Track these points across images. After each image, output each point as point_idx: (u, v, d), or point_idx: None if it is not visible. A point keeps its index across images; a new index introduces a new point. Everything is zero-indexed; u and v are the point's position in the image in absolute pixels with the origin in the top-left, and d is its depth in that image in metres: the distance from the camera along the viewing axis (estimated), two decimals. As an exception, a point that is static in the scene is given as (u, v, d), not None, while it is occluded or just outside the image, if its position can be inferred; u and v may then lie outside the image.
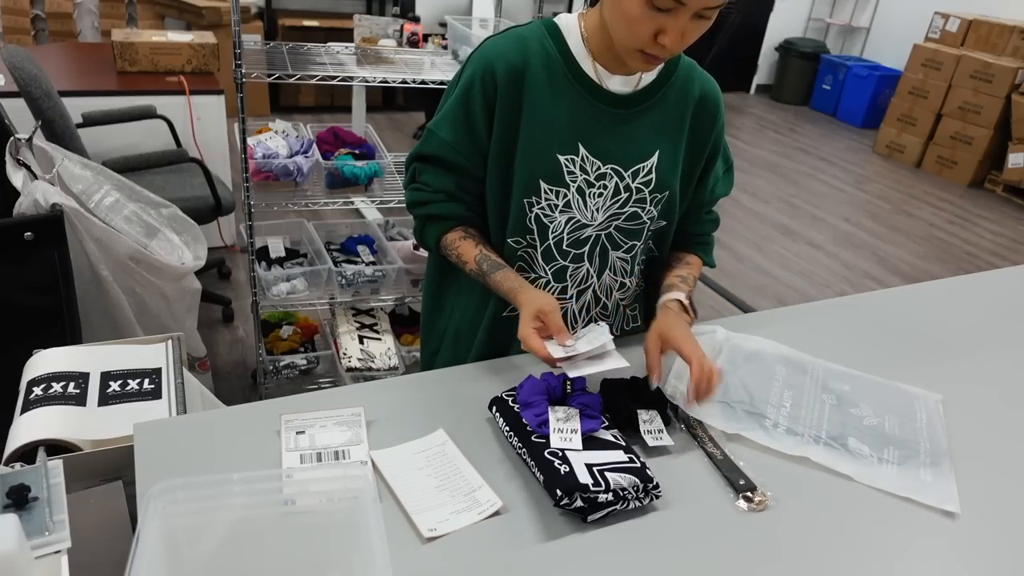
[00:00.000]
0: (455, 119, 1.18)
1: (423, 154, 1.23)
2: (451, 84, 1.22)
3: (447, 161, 1.20)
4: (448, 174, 1.22)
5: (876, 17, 7.16)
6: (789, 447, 1.08)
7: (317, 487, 0.78)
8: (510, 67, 1.13)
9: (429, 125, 1.22)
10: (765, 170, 5.41)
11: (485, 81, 1.13)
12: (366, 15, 2.46)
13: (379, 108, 5.64)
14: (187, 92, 3.04)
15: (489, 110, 1.15)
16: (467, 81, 1.16)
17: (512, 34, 1.17)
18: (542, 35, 1.16)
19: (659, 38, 1.01)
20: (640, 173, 1.19)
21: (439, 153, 1.20)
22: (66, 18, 4.50)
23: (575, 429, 1.00)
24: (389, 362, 2.30)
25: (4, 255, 1.68)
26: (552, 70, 1.14)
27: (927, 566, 0.93)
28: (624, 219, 1.22)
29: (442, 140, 1.19)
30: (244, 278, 3.22)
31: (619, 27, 1.05)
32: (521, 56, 1.13)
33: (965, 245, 4.51)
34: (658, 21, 1.00)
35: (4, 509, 0.83)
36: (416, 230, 1.30)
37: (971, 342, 1.45)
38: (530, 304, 1.10)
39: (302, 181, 2.22)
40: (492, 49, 1.15)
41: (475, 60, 1.16)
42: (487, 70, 1.13)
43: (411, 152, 1.28)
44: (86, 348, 1.28)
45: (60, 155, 1.91)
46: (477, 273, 1.22)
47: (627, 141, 1.18)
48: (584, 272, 1.25)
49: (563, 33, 1.16)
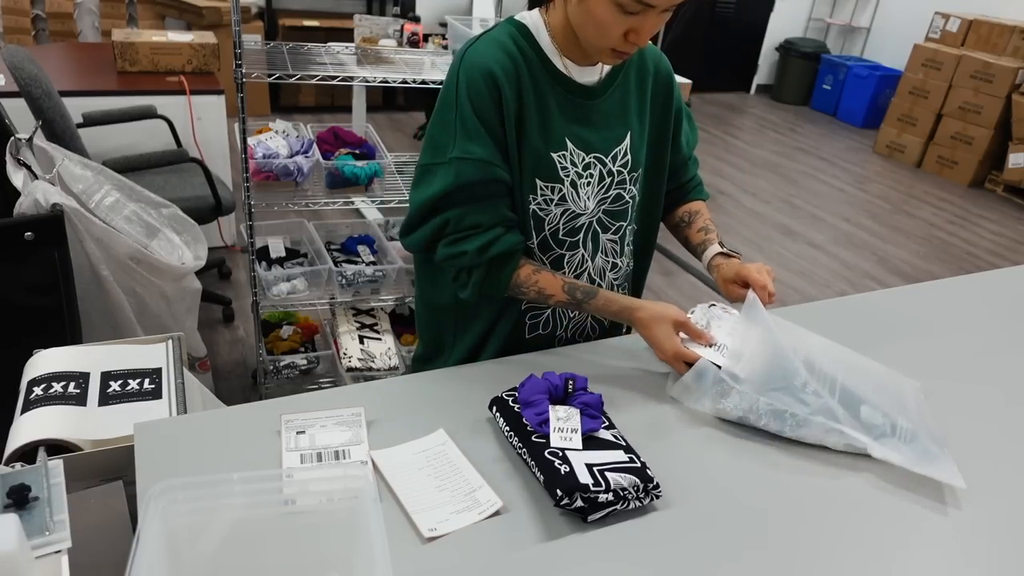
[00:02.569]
0: (475, 133, 1.12)
1: (451, 191, 1.12)
2: (443, 107, 1.15)
3: (489, 183, 1.13)
4: (495, 201, 1.15)
5: (876, 17, 7.16)
6: (806, 435, 1.08)
7: (317, 487, 0.78)
8: (504, 70, 1.12)
9: (449, 157, 1.12)
10: (765, 170, 5.41)
11: (488, 86, 1.11)
12: (366, 15, 2.46)
13: (379, 108, 5.65)
14: (187, 92, 3.04)
15: (500, 114, 1.13)
16: (470, 91, 1.11)
17: (489, 39, 1.15)
18: (516, 37, 1.16)
19: (629, 37, 1.06)
20: (618, 156, 1.23)
21: (478, 176, 1.12)
22: (66, 18, 4.50)
23: (575, 429, 1.00)
24: (389, 362, 2.30)
25: (4, 255, 1.68)
26: (534, 71, 1.15)
27: (927, 565, 0.93)
28: (610, 202, 1.25)
29: (478, 160, 1.12)
30: (244, 278, 3.22)
31: (589, 30, 1.08)
32: (509, 59, 1.13)
33: (965, 245, 4.51)
34: (628, 22, 1.04)
35: (4, 509, 0.83)
36: (474, 283, 1.18)
37: (972, 342, 1.45)
38: (662, 319, 1.15)
39: (302, 181, 2.22)
40: (480, 55, 1.13)
41: (468, 69, 1.12)
42: (486, 75, 1.11)
43: (424, 201, 1.15)
44: (86, 348, 1.29)
45: (60, 155, 1.91)
46: (568, 303, 1.20)
47: (603, 128, 1.21)
48: (579, 258, 1.27)
49: (533, 33, 1.17)
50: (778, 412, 1.09)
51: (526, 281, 1.19)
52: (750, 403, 1.09)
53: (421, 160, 1.18)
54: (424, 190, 1.15)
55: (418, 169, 1.18)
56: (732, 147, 5.83)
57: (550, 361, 1.24)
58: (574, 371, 1.09)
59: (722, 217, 4.48)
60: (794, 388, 1.10)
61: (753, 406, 1.10)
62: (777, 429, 1.10)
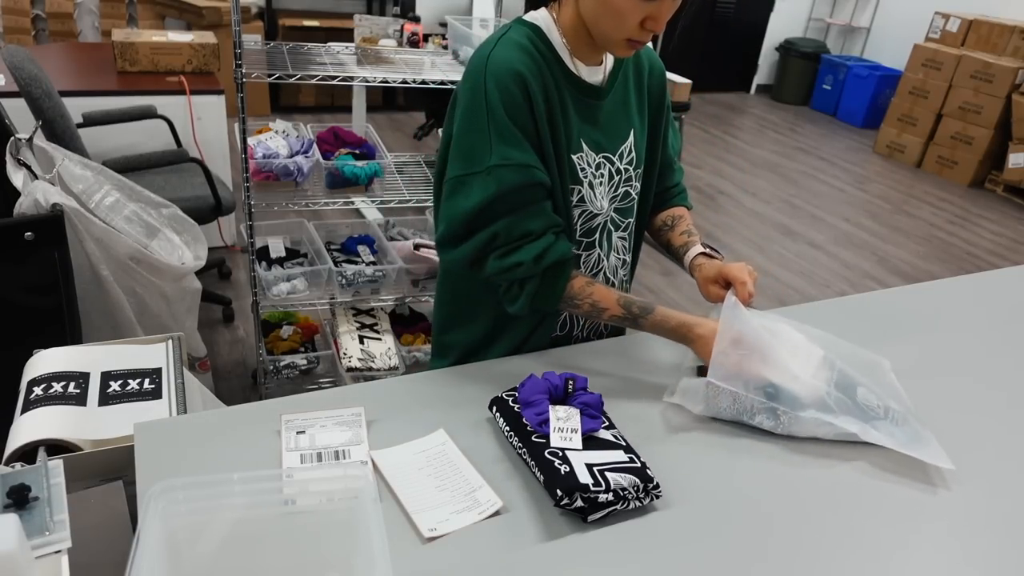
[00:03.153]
0: (512, 137, 1.08)
1: (493, 200, 1.08)
2: (471, 115, 1.09)
3: (531, 187, 1.10)
4: (541, 205, 1.12)
5: (876, 17, 7.16)
6: (799, 427, 1.09)
7: (317, 487, 0.78)
8: (531, 71, 1.10)
9: (487, 166, 1.08)
10: (765, 170, 5.41)
11: (520, 88, 1.08)
12: (366, 15, 2.46)
13: (379, 108, 5.65)
14: (187, 92, 3.04)
15: (533, 115, 1.10)
16: (501, 95, 1.07)
17: (508, 42, 1.12)
18: (531, 38, 1.14)
19: (646, 24, 1.05)
20: (624, 155, 1.24)
21: (520, 182, 1.08)
22: (66, 18, 4.51)
23: (575, 429, 1.00)
24: (389, 362, 2.30)
25: (4, 255, 1.69)
26: (553, 72, 1.14)
27: (928, 564, 0.93)
28: (619, 200, 1.26)
29: (518, 164, 1.08)
30: (244, 278, 3.22)
31: (605, 20, 1.07)
32: (532, 60, 1.11)
33: (965, 245, 4.51)
34: (645, 9, 1.04)
35: (4, 509, 0.83)
36: (527, 295, 1.14)
37: (972, 342, 1.45)
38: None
39: (302, 181, 2.22)
40: (505, 58, 1.09)
41: (495, 73, 1.08)
42: (516, 77, 1.08)
43: (463, 213, 1.10)
44: (86, 348, 1.29)
45: (60, 155, 1.91)
46: (622, 318, 1.17)
47: (609, 128, 1.21)
48: (596, 258, 1.27)
49: (546, 33, 1.15)
50: (771, 410, 1.09)
51: (580, 293, 1.16)
52: (743, 404, 1.10)
53: (451, 172, 1.12)
54: (462, 202, 1.10)
55: (450, 182, 1.13)
56: (732, 147, 5.83)
57: (550, 361, 1.24)
58: (574, 371, 1.09)
59: (722, 217, 4.48)
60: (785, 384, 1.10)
61: (746, 407, 1.10)
62: (771, 427, 1.10)
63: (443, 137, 1.19)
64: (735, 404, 1.10)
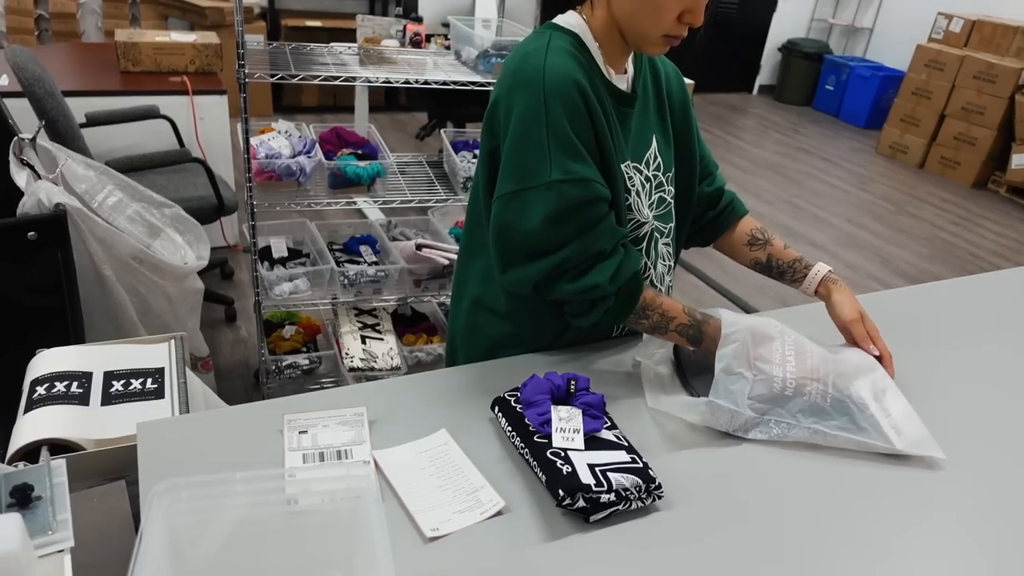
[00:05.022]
0: (573, 150, 1.05)
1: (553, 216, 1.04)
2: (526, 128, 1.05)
3: (594, 202, 1.07)
4: (606, 220, 1.09)
5: (879, 17, 7.15)
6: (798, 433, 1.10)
7: (320, 487, 0.78)
8: (588, 81, 1.07)
9: (548, 180, 1.04)
10: (768, 171, 5.40)
11: (581, 98, 1.05)
12: (369, 15, 2.46)
13: (382, 108, 5.65)
14: (190, 92, 3.04)
15: (592, 126, 1.07)
16: (563, 105, 1.04)
17: (557, 49, 1.08)
18: (573, 45, 1.10)
19: (684, 17, 1.05)
20: (650, 162, 1.22)
21: (582, 197, 1.05)
22: (70, 18, 4.52)
23: (577, 429, 1.00)
24: (391, 362, 2.30)
25: (8, 255, 1.69)
26: (596, 82, 1.11)
27: (929, 564, 0.93)
28: (656, 207, 1.24)
29: (581, 179, 1.05)
30: (247, 278, 3.22)
31: (643, 17, 1.06)
32: (583, 71, 1.08)
33: (968, 246, 4.50)
34: (684, 2, 1.04)
35: (7, 508, 0.83)
36: (601, 311, 1.11)
37: (974, 343, 1.45)
38: None
39: (305, 181, 2.22)
40: (560, 67, 1.05)
41: (554, 83, 1.04)
42: (577, 86, 1.05)
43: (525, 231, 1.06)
44: (89, 348, 1.29)
45: (63, 155, 1.91)
46: (687, 327, 1.14)
47: (638, 135, 1.20)
48: (644, 267, 1.25)
49: (584, 41, 1.12)
50: (765, 423, 1.10)
51: (651, 304, 1.13)
52: (740, 420, 1.10)
53: (505, 188, 1.08)
54: (520, 221, 1.07)
55: (503, 199, 1.08)
56: (734, 147, 5.83)
57: (552, 361, 1.24)
58: (576, 371, 1.09)
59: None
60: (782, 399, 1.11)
61: (742, 423, 1.10)
62: (766, 439, 1.10)
63: (483, 147, 1.14)
64: (732, 420, 1.10)
